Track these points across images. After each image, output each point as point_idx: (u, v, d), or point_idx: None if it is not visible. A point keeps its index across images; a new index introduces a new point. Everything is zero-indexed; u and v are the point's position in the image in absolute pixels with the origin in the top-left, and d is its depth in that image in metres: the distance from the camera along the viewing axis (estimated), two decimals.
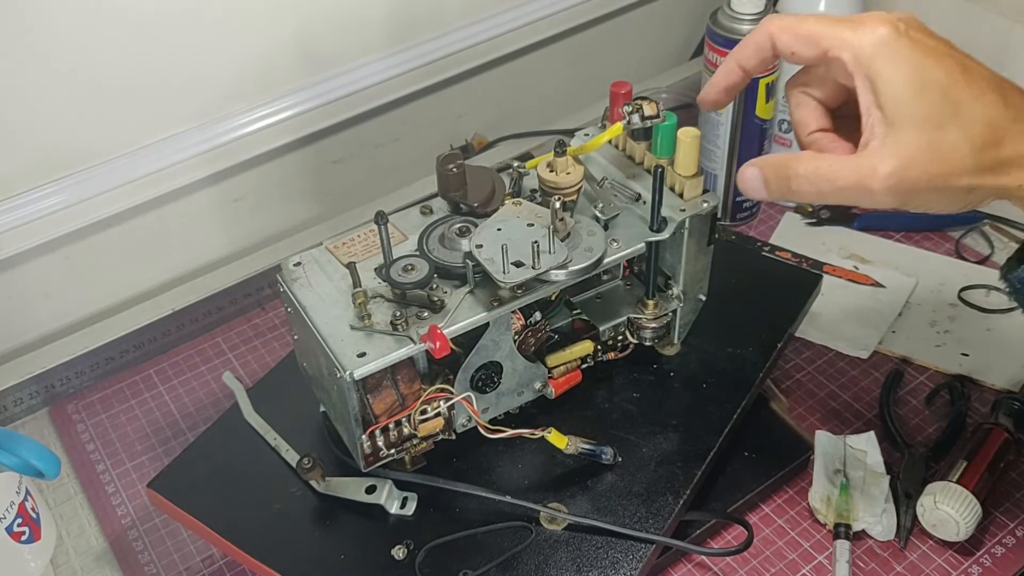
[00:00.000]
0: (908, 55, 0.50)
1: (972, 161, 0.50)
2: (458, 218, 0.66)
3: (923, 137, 0.50)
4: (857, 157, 0.52)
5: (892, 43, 0.50)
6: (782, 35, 0.54)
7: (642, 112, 0.64)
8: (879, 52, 0.50)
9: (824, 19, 0.53)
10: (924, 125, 0.50)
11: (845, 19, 0.52)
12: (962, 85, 0.50)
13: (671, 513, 0.64)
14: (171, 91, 0.82)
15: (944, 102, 0.50)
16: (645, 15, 1.11)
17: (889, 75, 0.50)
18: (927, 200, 0.52)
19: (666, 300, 0.69)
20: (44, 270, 0.84)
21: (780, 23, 0.54)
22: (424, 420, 0.63)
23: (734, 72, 0.58)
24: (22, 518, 0.67)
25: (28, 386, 0.81)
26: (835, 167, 0.52)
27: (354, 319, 0.60)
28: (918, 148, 0.50)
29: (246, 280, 0.89)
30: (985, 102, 0.50)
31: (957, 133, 0.50)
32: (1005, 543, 0.68)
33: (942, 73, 0.50)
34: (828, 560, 0.67)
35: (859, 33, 0.51)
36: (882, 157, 0.51)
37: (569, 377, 0.69)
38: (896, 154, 0.50)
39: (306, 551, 0.63)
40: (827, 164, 0.53)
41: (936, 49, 0.51)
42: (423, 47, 0.94)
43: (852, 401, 0.78)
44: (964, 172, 0.51)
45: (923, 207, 0.53)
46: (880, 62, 0.50)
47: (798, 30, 0.53)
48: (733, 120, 0.88)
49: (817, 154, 0.55)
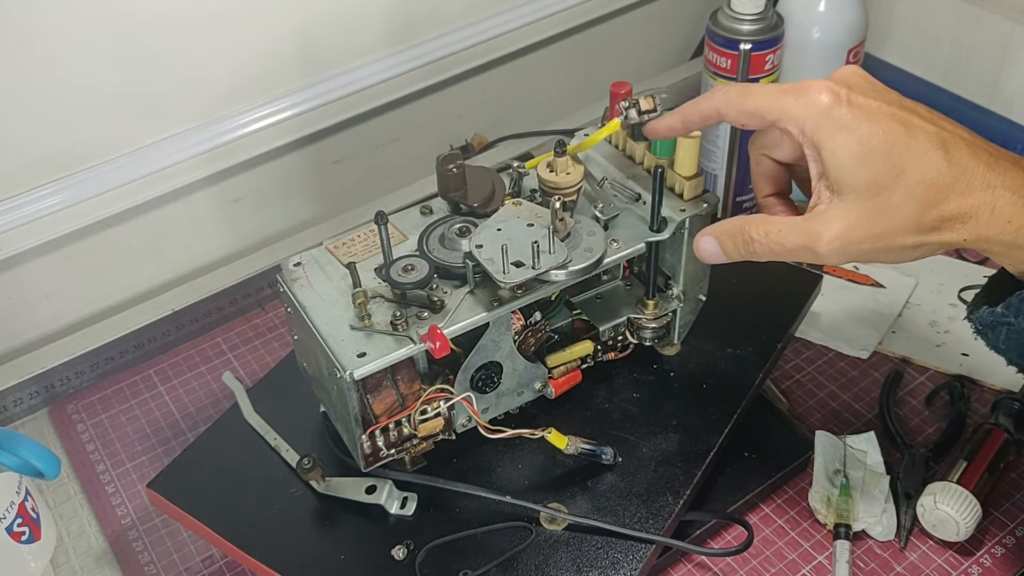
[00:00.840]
0: (849, 123, 0.52)
1: (915, 221, 0.52)
2: (458, 218, 0.66)
3: (867, 202, 0.52)
4: (805, 221, 0.54)
5: (834, 112, 0.52)
6: (729, 110, 0.56)
7: (639, 107, 0.64)
8: (821, 124, 0.52)
9: (768, 90, 0.55)
10: (867, 191, 0.52)
11: (790, 88, 0.54)
12: (904, 147, 0.51)
13: (671, 513, 0.64)
14: (171, 91, 0.82)
15: (886, 166, 0.51)
16: (645, 15, 1.11)
17: (832, 145, 0.52)
18: (874, 258, 0.54)
19: (666, 300, 0.69)
20: (44, 270, 0.84)
21: (726, 98, 0.56)
22: (424, 420, 0.63)
23: (675, 127, 0.60)
24: (22, 518, 0.67)
25: (28, 386, 0.81)
26: (784, 231, 0.54)
27: (354, 319, 0.60)
28: (862, 212, 0.52)
29: (246, 280, 0.89)
30: (928, 161, 0.51)
31: (900, 195, 0.51)
32: (1005, 543, 0.68)
33: (884, 137, 0.51)
34: (828, 560, 0.67)
35: (802, 104, 0.53)
36: (826, 222, 0.53)
37: (569, 377, 0.69)
38: (840, 219, 0.53)
39: (306, 551, 0.63)
40: (776, 228, 0.55)
41: (878, 112, 0.52)
42: (423, 47, 0.94)
43: (852, 401, 0.78)
44: (908, 232, 0.52)
45: (870, 262, 0.55)
46: (823, 133, 0.52)
47: (743, 105, 0.55)
48: None
49: (768, 217, 0.57)
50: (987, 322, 0.54)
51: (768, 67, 0.85)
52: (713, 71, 0.87)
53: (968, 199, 0.51)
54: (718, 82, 0.87)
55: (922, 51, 0.97)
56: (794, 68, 0.88)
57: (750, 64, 0.84)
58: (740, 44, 0.84)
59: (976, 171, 0.51)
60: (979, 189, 0.51)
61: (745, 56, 0.84)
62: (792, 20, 0.86)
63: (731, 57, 0.84)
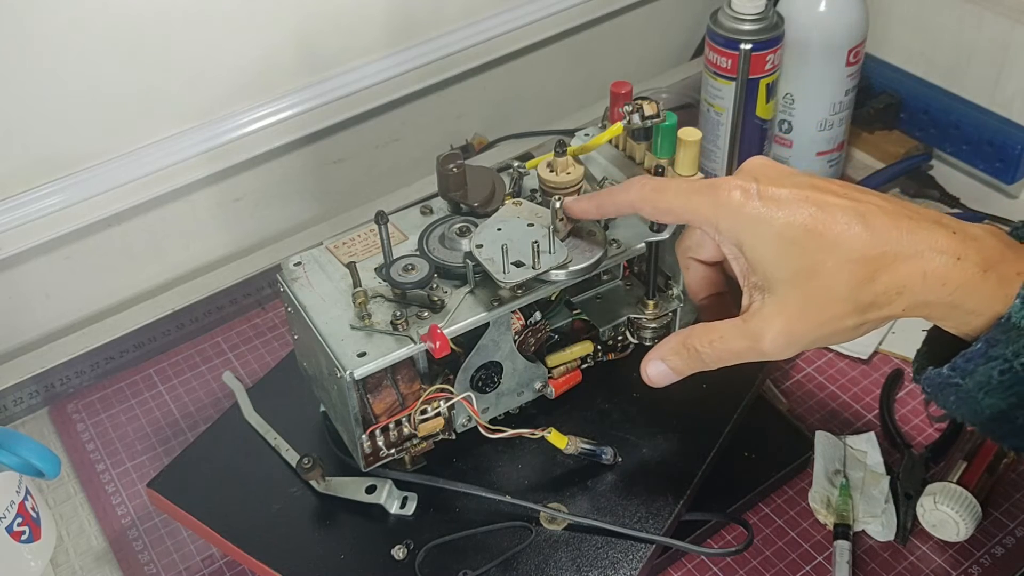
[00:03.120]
0: (764, 215, 0.51)
1: (852, 301, 0.51)
2: (458, 218, 0.66)
3: (799, 292, 0.51)
4: (744, 323, 0.54)
5: (746, 208, 0.52)
6: (644, 206, 0.56)
7: (642, 112, 0.64)
8: (736, 222, 0.52)
9: (681, 190, 0.54)
10: (796, 280, 0.51)
11: (700, 188, 0.53)
12: (823, 228, 0.51)
13: (671, 513, 0.64)
14: (171, 91, 0.82)
15: (809, 252, 0.51)
16: (645, 15, 1.11)
17: (751, 242, 0.52)
18: (822, 343, 0.54)
19: (666, 300, 0.69)
20: (44, 270, 0.84)
21: (641, 193, 0.56)
22: (424, 420, 0.63)
23: (589, 211, 0.60)
24: (22, 517, 0.67)
25: (28, 386, 0.81)
26: (726, 337, 0.54)
27: (354, 319, 0.60)
28: (797, 303, 0.52)
29: (246, 280, 0.89)
30: (850, 237, 0.50)
31: (830, 278, 0.51)
32: (1005, 543, 0.68)
33: (799, 224, 0.51)
34: (828, 560, 0.67)
35: (712, 203, 0.52)
36: (765, 319, 0.53)
37: (569, 377, 0.69)
38: (777, 314, 0.52)
39: (306, 551, 0.63)
40: (719, 335, 0.55)
41: (790, 198, 0.51)
42: (423, 47, 0.94)
43: (852, 401, 0.78)
44: (847, 314, 0.52)
45: (822, 345, 0.54)
46: (740, 231, 0.52)
47: (658, 204, 0.55)
48: (733, 120, 0.88)
49: (709, 325, 0.56)
50: (935, 384, 0.53)
51: (768, 67, 0.85)
52: (713, 71, 0.87)
53: (898, 270, 0.50)
54: (719, 82, 0.87)
55: (922, 51, 0.97)
56: (794, 68, 0.88)
57: (750, 64, 0.84)
58: (740, 44, 0.84)
59: (900, 239, 0.50)
60: (906, 258, 0.50)
61: (745, 56, 0.84)
62: (792, 20, 0.86)
63: (731, 57, 0.84)
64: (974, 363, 0.51)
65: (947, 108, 0.95)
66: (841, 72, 0.88)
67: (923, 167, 0.97)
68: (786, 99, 0.91)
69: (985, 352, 0.50)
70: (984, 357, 0.50)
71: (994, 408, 0.51)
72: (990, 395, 0.51)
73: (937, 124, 0.96)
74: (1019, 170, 0.92)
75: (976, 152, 0.94)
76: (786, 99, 0.91)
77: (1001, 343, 0.50)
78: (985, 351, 0.50)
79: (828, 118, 0.90)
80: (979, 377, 0.51)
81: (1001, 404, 0.51)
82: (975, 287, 0.50)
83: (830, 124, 0.91)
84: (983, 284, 0.50)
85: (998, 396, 0.51)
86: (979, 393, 0.51)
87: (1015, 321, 0.49)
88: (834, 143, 0.93)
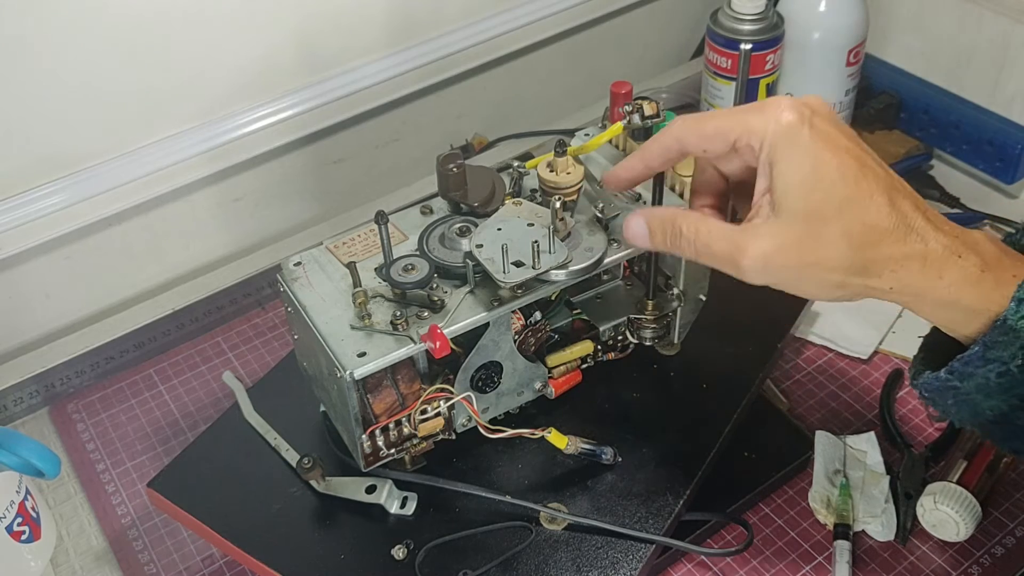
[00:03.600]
0: (807, 146, 0.51)
1: (846, 259, 0.51)
2: (458, 218, 0.66)
3: (802, 228, 0.51)
4: (737, 232, 0.53)
5: (794, 132, 0.51)
6: (689, 136, 0.55)
7: (642, 112, 0.64)
8: (780, 141, 0.52)
9: (728, 112, 0.54)
10: (807, 217, 0.51)
11: (750, 107, 0.53)
12: (853, 182, 0.51)
13: (671, 513, 0.64)
14: (171, 91, 0.82)
15: (831, 198, 0.51)
16: (645, 15, 1.11)
17: (784, 165, 0.51)
18: (794, 286, 0.53)
19: (666, 300, 0.69)
20: (44, 270, 0.84)
21: (685, 125, 0.55)
22: (424, 420, 0.63)
23: (636, 168, 0.59)
24: (22, 517, 0.67)
25: (28, 386, 0.81)
26: (713, 234, 0.54)
27: (354, 319, 0.60)
28: (795, 237, 0.52)
29: (246, 280, 0.89)
30: (872, 203, 0.51)
31: (837, 229, 0.51)
32: (1005, 543, 0.68)
33: (835, 168, 0.51)
34: (828, 560, 0.67)
35: (764, 119, 0.52)
36: (756, 237, 0.52)
37: (569, 377, 0.69)
38: (771, 237, 0.52)
39: (306, 551, 0.63)
40: (707, 229, 0.54)
41: (836, 141, 0.51)
42: (423, 47, 0.94)
43: (852, 401, 0.78)
44: (836, 268, 0.52)
45: (791, 290, 0.54)
46: (779, 151, 0.52)
47: (704, 129, 0.54)
48: None
49: (704, 217, 0.56)
50: (933, 388, 0.53)
51: (768, 67, 0.85)
52: (713, 71, 0.87)
53: (902, 248, 0.51)
54: (719, 82, 0.87)
55: (922, 51, 0.97)
56: (794, 68, 0.88)
57: (750, 64, 0.84)
58: (740, 44, 0.84)
59: (915, 223, 0.51)
60: (914, 240, 0.51)
61: (745, 56, 0.84)
62: (792, 20, 0.86)
63: (731, 57, 0.84)
64: (972, 366, 0.51)
65: (947, 108, 0.95)
66: (841, 72, 0.88)
67: (923, 167, 0.97)
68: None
69: (983, 355, 0.50)
70: (982, 360, 0.51)
71: (995, 410, 0.52)
72: (990, 397, 0.51)
73: (937, 124, 0.96)
74: (1019, 170, 0.92)
75: (976, 152, 0.94)
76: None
77: (998, 345, 0.50)
78: (982, 354, 0.50)
79: None
80: (977, 380, 0.51)
81: (1002, 406, 0.51)
82: (972, 285, 0.51)
83: None
84: (980, 283, 0.51)
85: (998, 398, 0.51)
86: (978, 395, 0.51)
87: (1011, 323, 0.49)
88: None
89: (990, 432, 0.54)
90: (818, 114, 0.52)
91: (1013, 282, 0.51)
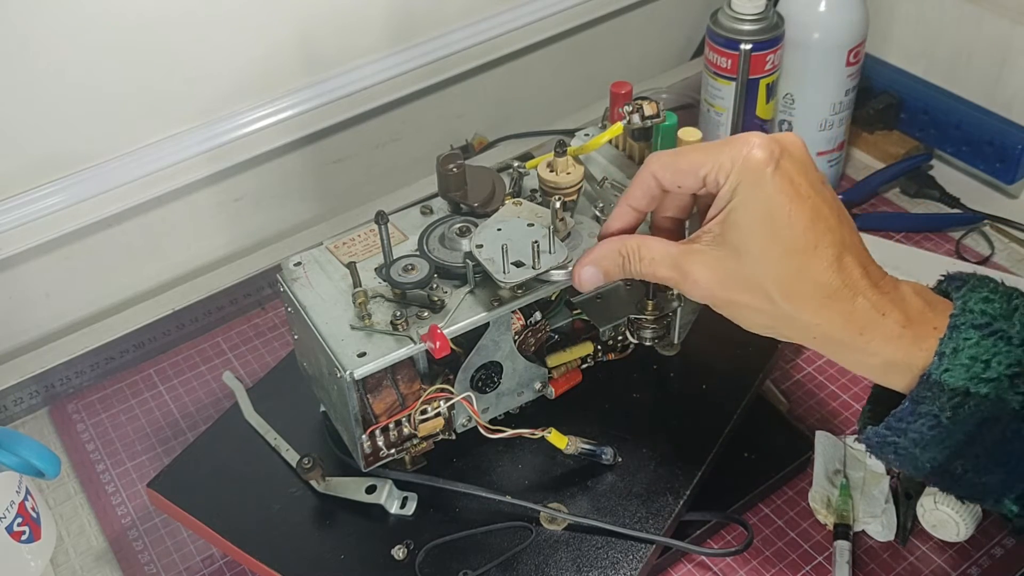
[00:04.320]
0: (766, 187, 0.52)
1: (772, 305, 0.53)
2: (458, 218, 0.66)
3: (738, 265, 0.53)
4: (679, 255, 0.55)
5: (758, 171, 0.52)
6: (664, 173, 0.56)
7: (642, 112, 0.64)
8: (743, 177, 0.52)
9: (701, 147, 0.55)
10: (745, 256, 0.53)
11: (723, 141, 0.54)
12: (800, 232, 0.52)
13: (671, 513, 0.64)
14: (171, 91, 0.82)
15: (775, 243, 0.52)
16: (645, 15, 1.11)
17: (739, 200, 0.52)
18: (729, 314, 0.56)
19: (666, 300, 0.69)
20: (44, 270, 0.84)
21: (660, 162, 0.56)
22: (424, 420, 0.63)
23: (628, 214, 0.60)
24: (22, 517, 0.67)
25: (28, 386, 0.81)
26: (657, 260, 0.56)
27: (354, 319, 0.60)
28: (730, 272, 0.53)
29: (246, 280, 0.89)
30: (814, 256, 0.52)
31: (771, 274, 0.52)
32: (1005, 544, 0.68)
33: (787, 215, 0.52)
34: (828, 560, 0.67)
35: (734, 154, 0.53)
36: (695, 264, 0.54)
37: (569, 377, 0.69)
38: (709, 267, 0.54)
39: (306, 551, 0.63)
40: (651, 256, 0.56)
41: (797, 188, 0.52)
42: (423, 47, 0.94)
43: (851, 401, 0.78)
44: (762, 311, 0.53)
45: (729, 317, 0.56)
46: (739, 187, 0.52)
47: (677, 166, 0.55)
48: (733, 121, 0.88)
49: (647, 243, 0.57)
50: (875, 443, 0.54)
51: (768, 67, 0.85)
52: (713, 71, 0.87)
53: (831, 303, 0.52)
54: (719, 82, 0.87)
55: (922, 51, 0.97)
56: (794, 68, 0.88)
57: (750, 64, 0.84)
58: (740, 44, 0.84)
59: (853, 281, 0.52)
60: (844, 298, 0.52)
61: (745, 56, 0.84)
62: (793, 20, 0.86)
63: (731, 57, 0.84)
64: (905, 421, 0.52)
65: (947, 108, 0.95)
66: (841, 72, 0.88)
67: (923, 167, 0.97)
68: (786, 99, 0.90)
69: (913, 410, 0.52)
70: (914, 415, 0.52)
71: (932, 462, 0.53)
72: (926, 450, 0.52)
73: (937, 124, 0.96)
74: (1019, 170, 0.92)
75: (976, 152, 0.94)
76: (786, 99, 0.90)
77: (926, 400, 0.51)
78: (913, 409, 0.52)
79: (828, 118, 0.90)
80: (912, 435, 0.52)
81: (938, 458, 0.52)
82: (891, 341, 0.52)
83: (830, 124, 0.91)
84: (900, 339, 0.52)
85: (934, 450, 0.52)
86: (915, 449, 0.52)
87: (936, 378, 0.50)
88: (834, 143, 0.93)
89: (934, 482, 0.55)
90: (788, 155, 0.53)
91: (934, 335, 0.52)
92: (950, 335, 0.51)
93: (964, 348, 0.50)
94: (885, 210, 0.95)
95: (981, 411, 0.50)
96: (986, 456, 0.51)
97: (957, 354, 0.50)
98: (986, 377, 0.50)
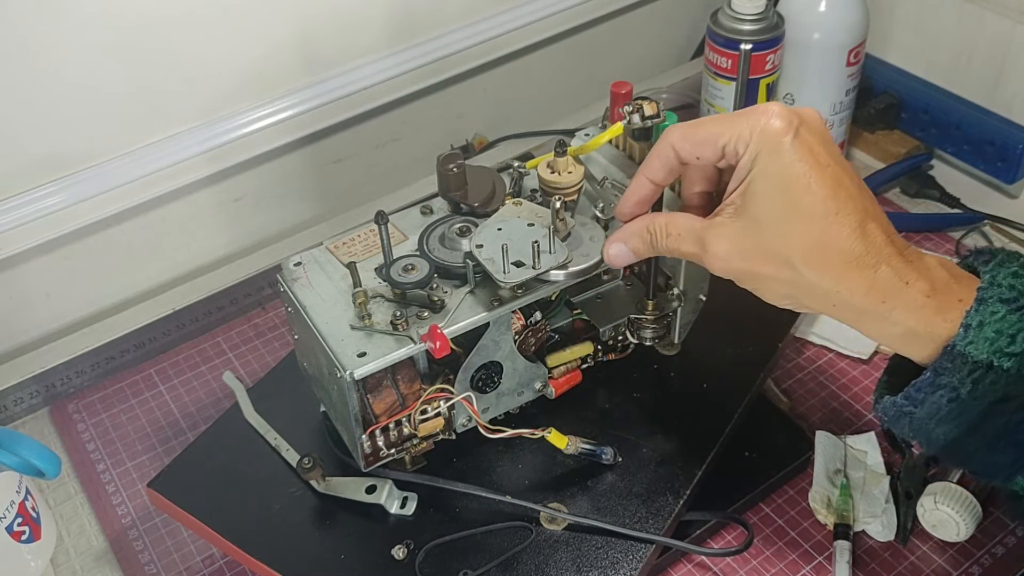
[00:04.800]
0: (786, 155, 0.52)
1: (792, 273, 0.52)
2: (458, 218, 0.66)
3: (759, 235, 0.53)
4: (701, 229, 0.55)
5: (777, 139, 0.52)
6: (683, 144, 0.56)
7: (642, 112, 0.64)
8: (762, 146, 0.52)
9: (719, 118, 0.55)
10: (768, 224, 0.52)
11: (742, 112, 0.54)
12: (820, 200, 0.51)
13: (671, 513, 0.64)
14: (171, 91, 0.82)
15: (798, 213, 0.52)
16: (645, 15, 1.11)
17: (759, 170, 0.52)
18: (751, 286, 0.55)
19: (666, 300, 0.69)
20: (44, 270, 0.84)
21: (678, 133, 0.56)
22: (424, 420, 0.63)
23: (645, 186, 0.59)
24: (22, 517, 0.67)
25: (28, 386, 0.81)
26: (682, 236, 0.56)
27: (354, 319, 0.60)
28: (752, 243, 0.53)
29: (246, 280, 0.89)
30: (835, 223, 0.51)
31: (794, 244, 0.52)
32: (1005, 543, 0.68)
33: (807, 183, 0.51)
34: (828, 560, 0.67)
35: (752, 122, 0.53)
36: (717, 237, 0.54)
37: (569, 377, 0.69)
38: (730, 238, 0.54)
39: (306, 551, 0.63)
40: (676, 232, 0.57)
41: (817, 156, 0.52)
42: (423, 47, 0.94)
43: (852, 401, 0.78)
44: (782, 281, 0.53)
45: (751, 290, 0.56)
46: (758, 156, 0.52)
47: (696, 136, 0.55)
48: None
49: (672, 219, 0.57)
50: (890, 413, 0.54)
51: (768, 67, 0.85)
52: (713, 71, 0.87)
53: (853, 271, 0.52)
54: (719, 82, 0.87)
55: (922, 51, 0.97)
56: (795, 68, 0.88)
57: (750, 64, 0.84)
58: (740, 44, 0.84)
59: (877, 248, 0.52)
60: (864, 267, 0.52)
61: (745, 56, 0.84)
62: (793, 20, 0.86)
63: (731, 57, 0.84)
64: (924, 392, 0.52)
65: (947, 108, 0.95)
66: (841, 72, 0.88)
67: (924, 167, 0.97)
68: (786, 99, 0.90)
69: (933, 381, 0.51)
70: (933, 386, 0.51)
71: (946, 436, 0.52)
72: (941, 424, 0.52)
73: (938, 124, 0.96)
74: (1020, 170, 0.92)
75: (977, 152, 0.94)
76: (786, 99, 0.90)
77: (948, 371, 0.51)
78: (933, 380, 0.51)
79: (828, 118, 0.90)
80: (929, 407, 0.52)
81: (952, 432, 0.52)
82: (914, 310, 0.52)
83: (830, 124, 0.91)
84: (923, 308, 0.52)
85: (949, 424, 0.52)
86: (931, 422, 0.52)
87: (960, 349, 0.50)
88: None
89: (944, 457, 0.55)
90: (807, 125, 0.52)
91: (959, 307, 0.51)
92: (977, 308, 0.50)
93: (990, 321, 0.50)
94: (885, 210, 0.94)
95: (1000, 386, 0.50)
96: (1000, 434, 0.51)
97: (983, 327, 0.50)
98: (1010, 351, 0.49)
